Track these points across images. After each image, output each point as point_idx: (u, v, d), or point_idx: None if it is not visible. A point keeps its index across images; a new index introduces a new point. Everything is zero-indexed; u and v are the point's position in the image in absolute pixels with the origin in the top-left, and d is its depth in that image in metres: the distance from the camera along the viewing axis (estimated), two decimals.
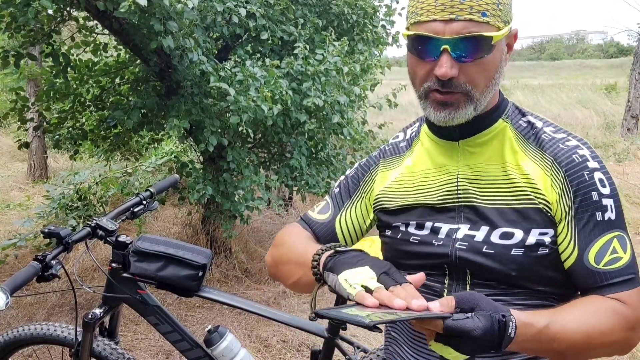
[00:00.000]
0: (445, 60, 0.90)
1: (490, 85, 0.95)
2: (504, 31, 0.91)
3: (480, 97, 0.94)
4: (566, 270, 0.96)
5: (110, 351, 1.77)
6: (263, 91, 2.95)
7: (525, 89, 17.57)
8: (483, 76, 0.93)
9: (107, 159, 4.66)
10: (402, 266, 1.05)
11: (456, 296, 0.83)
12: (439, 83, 0.92)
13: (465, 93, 0.93)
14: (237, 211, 3.42)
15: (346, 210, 1.16)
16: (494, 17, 0.89)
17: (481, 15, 0.88)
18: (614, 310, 0.90)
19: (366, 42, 4.04)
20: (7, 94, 8.32)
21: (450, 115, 0.94)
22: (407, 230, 1.04)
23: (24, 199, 6.37)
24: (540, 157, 0.98)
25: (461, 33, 0.88)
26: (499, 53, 0.93)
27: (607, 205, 0.93)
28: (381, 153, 1.17)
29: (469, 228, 0.98)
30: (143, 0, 2.41)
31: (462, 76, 0.91)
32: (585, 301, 0.92)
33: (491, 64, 0.93)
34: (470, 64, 0.91)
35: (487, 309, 0.80)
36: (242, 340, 3.09)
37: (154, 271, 1.65)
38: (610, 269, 0.91)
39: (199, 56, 2.97)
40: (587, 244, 0.93)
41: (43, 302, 3.52)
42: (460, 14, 0.88)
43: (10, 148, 9.31)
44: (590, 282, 0.93)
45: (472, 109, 0.94)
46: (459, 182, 1.01)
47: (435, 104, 0.94)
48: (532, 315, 0.86)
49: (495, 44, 0.91)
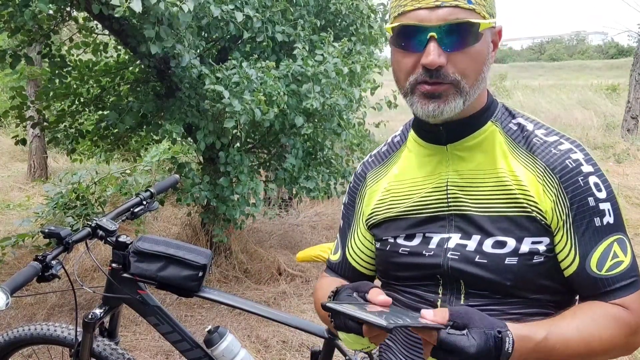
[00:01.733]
0: (432, 48, 0.86)
1: (479, 79, 0.91)
2: (490, 21, 0.89)
3: (469, 90, 0.90)
4: (566, 278, 0.94)
5: (110, 351, 1.77)
6: (257, 95, 2.94)
7: (525, 90, 17.57)
8: (472, 67, 0.89)
9: (107, 159, 4.66)
10: (394, 278, 1.05)
11: (450, 309, 0.83)
12: (427, 74, 0.88)
13: (455, 84, 0.89)
14: (231, 216, 3.41)
15: (351, 239, 1.15)
16: (479, 5, 0.88)
17: (467, 2, 0.86)
18: (614, 317, 0.89)
19: (364, 42, 4.04)
20: (7, 93, 8.31)
21: (439, 108, 0.89)
22: (396, 241, 1.02)
23: (24, 199, 6.37)
24: (532, 162, 0.94)
25: (448, 19, 0.85)
26: (485, 44, 0.91)
27: (605, 210, 0.91)
28: (365, 168, 1.14)
29: (460, 237, 0.96)
30: (138, 7, 2.39)
31: (450, 66, 0.87)
32: (584, 309, 0.91)
33: (479, 55, 0.90)
34: (458, 54, 0.87)
35: (481, 326, 0.79)
36: (242, 340, 3.09)
37: (154, 271, 1.65)
38: (612, 274, 0.90)
39: (190, 60, 2.97)
40: (588, 251, 0.91)
41: (43, 303, 3.52)
42: (446, 0, 0.86)
43: (10, 148, 9.31)
44: (593, 289, 0.92)
45: (462, 102, 0.90)
46: (448, 189, 0.98)
47: (423, 96, 0.90)
48: (529, 328, 0.85)
49: (482, 32, 0.89)
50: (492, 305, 0.94)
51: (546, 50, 58.28)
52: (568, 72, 32.59)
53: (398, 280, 1.04)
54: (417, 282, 1.01)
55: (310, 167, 3.83)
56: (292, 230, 5.11)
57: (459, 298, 0.96)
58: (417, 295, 1.01)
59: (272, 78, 3.05)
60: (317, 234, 5.10)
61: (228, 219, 3.57)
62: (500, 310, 0.94)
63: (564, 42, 67.77)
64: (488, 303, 0.94)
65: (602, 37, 69.90)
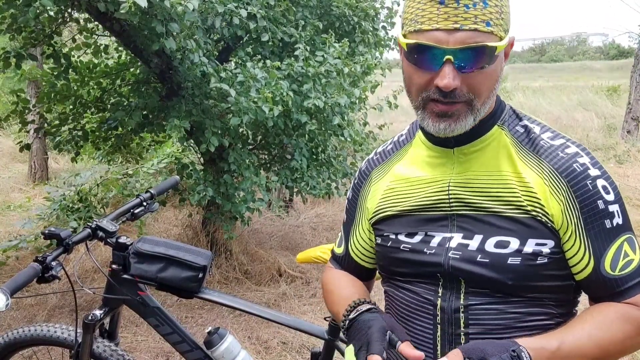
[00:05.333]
0: (448, 72, 0.86)
1: (490, 95, 0.93)
2: (506, 41, 0.90)
3: (481, 107, 0.92)
4: (578, 281, 0.95)
5: (111, 352, 1.76)
6: (264, 92, 2.95)
7: (526, 91, 17.56)
8: (485, 86, 0.91)
9: (108, 160, 4.66)
10: (394, 273, 1.06)
11: (462, 348, 0.85)
12: (441, 94, 0.89)
13: (468, 102, 0.90)
14: (237, 212, 3.43)
15: (353, 234, 1.18)
16: (497, 26, 0.88)
17: (485, 25, 0.86)
18: (626, 317, 0.90)
19: (367, 44, 4.04)
20: (8, 95, 8.32)
21: (450, 127, 0.92)
22: (398, 238, 1.03)
23: (25, 200, 6.37)
24: (538, 165, 0.95)
25: (466, 43, 0.85)
26: (499, 62, 0.92)
27: (614, 212, 0.93)
28: (370, 165, 1.16)
29: (463, 237, 0.97)
30: (143, 2, 2.41)
31: (464, 86, 0.89)
32: (595, 313, 0.92)
33: (493, 74, 0.91)
34: (473, 74, 0.88)
35: (495, 353, 0.82)
36: (242, 341, 3.09)
37: (155, 272, 1.65)
38: (625, 274, 0.92)
39: (200, 57, 2.97)
40: (601, 253, 0.92)
41: (43, 304, 3.51)
42: (465, 23, 0.85)
43: (11, 149, 9.32)
44: (607, 290, 0.93)
45: (472, 119, 0.92)
46: (450, 189, 0.99)
47: (434, 115, 0.92)
48: (541, 340, 0.86)
49: (498, 54, 0.89)
50: (492, 304, 0.95)
51: (547, 52, 58.29)
52: (569, 74, 32.59)
53: (398, 276, 1.05)
54: (417, 279, 1.02)
55: (310, 167, 3.84)
56: (292, 232, 5.11)
57: (458, 297, 0.97)
58: (416, 292, 1.02)
59: (275, 78, 3.06)
60: (317, 235, 5.10)
61: (234, 217, 3.58)
62: (500, 310, 0.94)
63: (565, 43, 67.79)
64: (488, 302, 0.95)
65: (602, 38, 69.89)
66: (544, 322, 0.95)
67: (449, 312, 0.97)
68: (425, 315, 1.00)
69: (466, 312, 0.95)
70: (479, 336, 0.95)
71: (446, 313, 0.97)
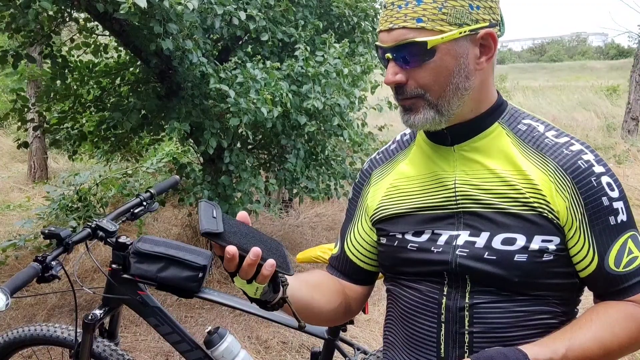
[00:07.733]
0: (389, 67, 0.95)
1: (449, 90, 0.93)
2: (449, 34, 0.90)
3: (438, 101, 0.94)
4: (583, 278, 0.96)
5: (110, 352, 1.77)
6: (263, 93, 2.94)
7: (525, 91, 17.56)
8: (434, 80, 0.93)
9: (107, 160, 4.65)
10: (400, 273, 1.06)
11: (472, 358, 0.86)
12: (394, 90, 0.97)
13: (420, 97, 0.95)
14: (234, 214, 3.42)
15: (350, 233, 1.17)
16: (432, 21, 0.89)
17: (416, 21, 0.90)
18: (630, 316, 0.91)
19: (367, 44, 4.04)
20: (8, 94, 8.32)
21: (411, 119, 0.97)
22: (404, 237, 1.03)
23: (24, 199, 6.37)
24: (543, 162, 0.96)
25: (397, 40, 0.92)
26: (449, 57, 0.91)
27: (619, 208, 0.93)
28: (372, 164, 1.17)
29: (470, 234, 0.97)
30: (143, 2, 2.41)
31: (412, 82, 0.94)
32: (599, 313, 0.93)
33: (441, 68, 0.92)
34: (418, 69, 0.93)
35: None
36: (242, 341, 3.09)
37: (154, 272, 1.65)
38: (629, 270, 0.93)
39: (199, 58, 2.97)
40: (605, 249, 0.93)
41: (43, 303, 3.52)
42: (396, 22, 0.92)
43: (10, 149, 9.31)
44: (611, 287, 0.94)
45: (433, 112, 0.95)
46: (456, 187, 0.99)
47: (402, 108, 0.99)
48: (547, 346, 0.87)
49: (435, 47, 0.90)
50: (498, 302, 0.95)
51: (546, 51, 58.31)
52: (568, 73, 32.59)
53: (403, 275, 1.05)
54: (423, 277, 1.02)
55: (309, 168, 3.83)
56: (292, 231, 5.11)
57: (463, 296, 0.97)
58: (420, 291, 1.02)
59: (275, 79, 3.06)
60: (317, 235, 5.10)
61: None
62: (505, 308, 0.95)
63: (564, 43, 67.87)
64: (494, 300, 0.95)
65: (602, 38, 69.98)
66: (547, 320, 0.95)
67: (454, 311, 0.97)
68: (429, 314, 1.00)
69: (471, 311, 0.96)
70: (483, 335, 0.95)
71: (451, 312, 0.97)
